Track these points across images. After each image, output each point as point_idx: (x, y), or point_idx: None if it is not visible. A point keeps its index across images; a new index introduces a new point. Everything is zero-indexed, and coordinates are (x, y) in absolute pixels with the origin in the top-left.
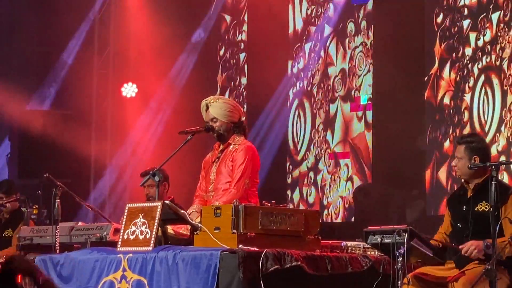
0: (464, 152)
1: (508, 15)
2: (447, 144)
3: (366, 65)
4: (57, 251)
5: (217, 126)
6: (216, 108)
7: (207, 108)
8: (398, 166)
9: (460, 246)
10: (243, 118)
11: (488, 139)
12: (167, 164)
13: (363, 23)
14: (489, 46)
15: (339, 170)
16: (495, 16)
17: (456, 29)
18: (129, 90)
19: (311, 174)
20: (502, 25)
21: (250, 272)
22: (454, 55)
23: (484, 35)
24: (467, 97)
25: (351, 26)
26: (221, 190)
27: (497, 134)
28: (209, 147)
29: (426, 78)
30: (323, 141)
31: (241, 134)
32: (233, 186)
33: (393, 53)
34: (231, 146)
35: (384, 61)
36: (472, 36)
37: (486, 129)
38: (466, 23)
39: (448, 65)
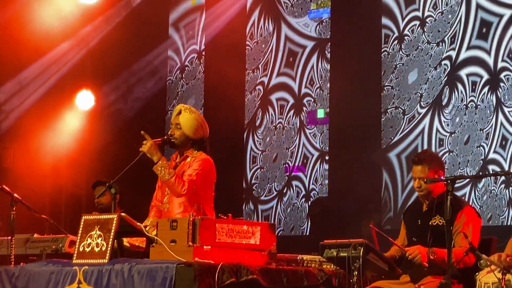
0: (429, 171)
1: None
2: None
3: (322, 78)
4: (12, 263)
5: (176, 134)
6: (185, 118)
7: (179, 113)
8: (354, 179)
9: (406, 249)
10: (205, 138)
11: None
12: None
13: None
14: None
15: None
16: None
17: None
18: (85, 100)
19: (270, 187)
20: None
21: (206, 285)
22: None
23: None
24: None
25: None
26: (177, 203)
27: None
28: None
29: (383, 91)
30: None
31: (200, 151)
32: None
33: (350, 64)
34: (189, 159)
35: (341, 73)
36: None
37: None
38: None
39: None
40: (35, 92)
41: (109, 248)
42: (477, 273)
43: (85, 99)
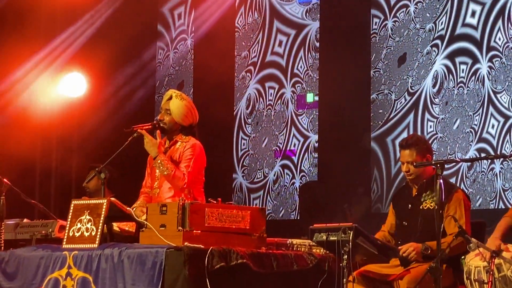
0: (417, 155)
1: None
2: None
3: (312, 63)
4: (2, 248)
5: (166, 119)
6: (175, 105)
7: (170, 98)
8: (344, 163)
9: (399, 247)
10: (195, 124)
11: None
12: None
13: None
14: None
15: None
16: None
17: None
18: (76, 84)
19: (260, 172)
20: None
21: (196, 270)
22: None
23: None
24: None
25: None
26: (167, 187)
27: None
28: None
29: (372, 77)
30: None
31: (189, 135)
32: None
33: (339, 48)
34: (178, 144)
35: (330, 58)
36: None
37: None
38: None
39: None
40: (25, 79)
41: (99, 233)
42: (463, 257)
43: (76, 83)
